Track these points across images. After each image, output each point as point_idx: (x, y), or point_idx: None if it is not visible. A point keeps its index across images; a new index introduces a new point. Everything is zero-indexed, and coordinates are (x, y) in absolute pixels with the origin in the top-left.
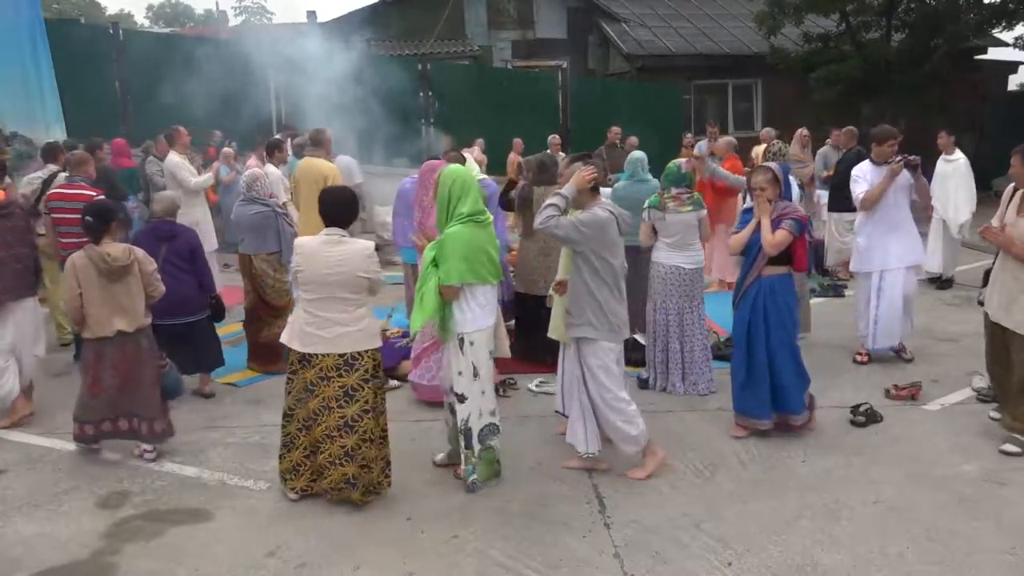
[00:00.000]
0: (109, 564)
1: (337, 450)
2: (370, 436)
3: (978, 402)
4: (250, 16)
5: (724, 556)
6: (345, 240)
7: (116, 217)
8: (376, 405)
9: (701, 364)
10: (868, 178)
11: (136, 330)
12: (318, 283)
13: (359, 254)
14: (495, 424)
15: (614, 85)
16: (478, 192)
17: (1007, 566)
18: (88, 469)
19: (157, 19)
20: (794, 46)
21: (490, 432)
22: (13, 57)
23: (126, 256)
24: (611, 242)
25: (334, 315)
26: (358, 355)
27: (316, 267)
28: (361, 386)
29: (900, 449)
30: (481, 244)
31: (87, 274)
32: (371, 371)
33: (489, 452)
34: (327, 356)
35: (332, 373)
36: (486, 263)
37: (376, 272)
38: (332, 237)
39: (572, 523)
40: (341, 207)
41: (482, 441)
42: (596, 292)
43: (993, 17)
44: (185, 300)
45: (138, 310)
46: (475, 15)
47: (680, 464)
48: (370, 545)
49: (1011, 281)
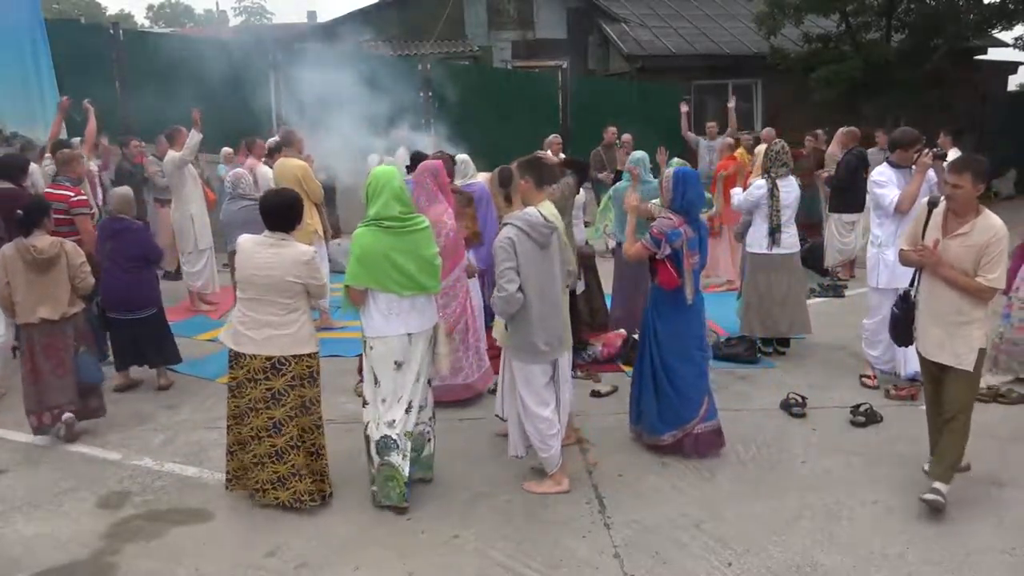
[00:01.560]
0: (109, 564)
1: (267, 449)
2: (296, 443)
3: (978, 402)
4: (250, 16)
5: (724, 556)
6: (282, 244)
7: (46, 214)
8: (301, 414)
9: None
10: (895, 182)
11: (61, 318)
12: (248, 283)
13: (292, 259)
14: (393, 439)
15: (614, 85)
16: (394, 195)
17: (1007, 566)
18: (88, 469)
19: (157, 19)
20: (794, 46)
21: (386, 446)
22: (13, 57)
23: (52, 249)
24: (528, 258)
25: (264, 316)
26: (285, 360)
27: (247, 267)
28: (287, 391)
29: (900, 449)
30: (383, 250)
31: (14, 265)
32: (301, 377)
33: (388, 469)
34: (255, 357)
35: (259, 375)
36: (390, 271)
37: (313, 278)
38: (268, 239)
39: (572, 523)
40: (279, 210)
41: (380, 455)
42: (518, 312)
43: (993, 17)
44: (131, 296)
45: (62, 299)
46: (475, 15)
47: (680, 464)
48: (370, 545)
49: (951, 314)
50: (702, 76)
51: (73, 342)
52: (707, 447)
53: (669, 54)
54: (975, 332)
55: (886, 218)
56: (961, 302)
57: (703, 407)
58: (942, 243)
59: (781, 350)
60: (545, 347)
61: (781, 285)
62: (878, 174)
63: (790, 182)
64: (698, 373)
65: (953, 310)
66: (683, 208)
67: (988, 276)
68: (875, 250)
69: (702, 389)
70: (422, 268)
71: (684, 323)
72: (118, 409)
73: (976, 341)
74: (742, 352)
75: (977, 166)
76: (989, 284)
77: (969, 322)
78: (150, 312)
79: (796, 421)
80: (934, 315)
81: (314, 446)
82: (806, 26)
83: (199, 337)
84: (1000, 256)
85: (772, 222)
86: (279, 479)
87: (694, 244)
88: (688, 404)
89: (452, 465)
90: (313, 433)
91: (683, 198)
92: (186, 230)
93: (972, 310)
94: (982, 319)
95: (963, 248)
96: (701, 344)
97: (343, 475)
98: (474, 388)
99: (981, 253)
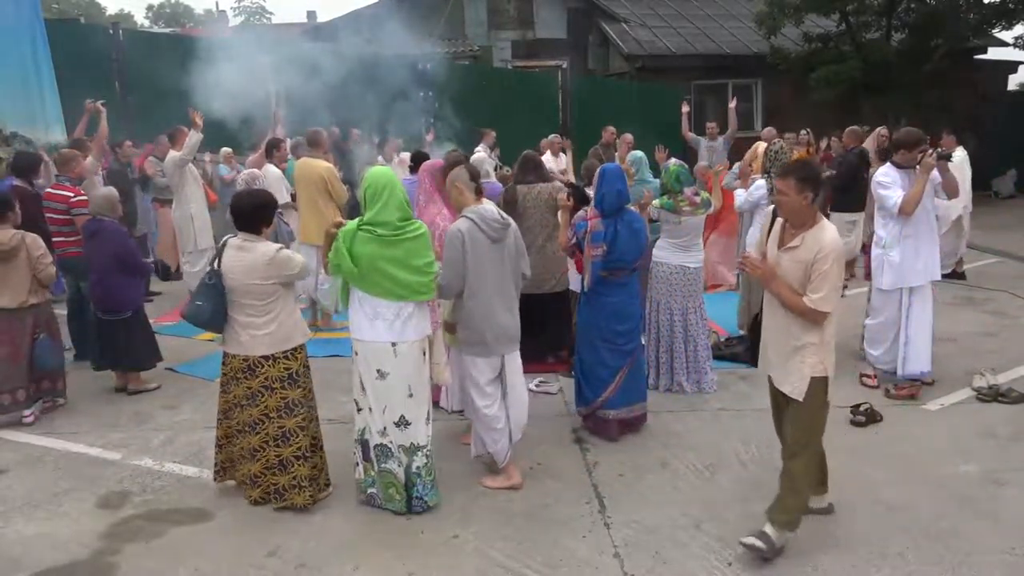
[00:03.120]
0: (109, 564)
1: (244, 445)
2: (275, 442)
3: (978, 402)
4: (249, 16)
5: (724, 556)
6: (246, 247)
7: (10, 207)
8: (283, 415)
9: (704, 363)
10: (899, 183)
11: (19, 307)
12: (227, 286)
13: (255, 261)
14: (388, 448)
15: (614, 85)
16: (394, 202)
17: (1007, 566)
18: (88, 469)
19: (157, 19)
20: (794, 46)
21: (384, 454)
22: (13, 57)
23: (13, 241)
24: (478, 251)
25: (242, 318)
26: (258, 362)
27: (224, 270)
28: (263, 392)
29: (900, 449)
30: (372, 259)
31: None
32: (279, 379)
33: (387, 476)
34: (235, 357)
35: (240, 375)
36: (380, 279)
37: (285, 273)
38: (236, 241)
39: (572, 523)
40: (249, 211)
41: (378, 461)
42: (467, 302)
43: (993, 17)
44: (106, 296)
45: (19, 289)
46: (475, 15)
47: (680, 464)
48: (369, 545)
49: (783, 336)
50: (702, 76)
51: (32, 331)
52: (606, 430)
53: (669, 54)
54: (808, 358)
55: (890, 219)
56: (791, 323)
57: (606, 393)
58: (776, 255)
59: None
60: (492, 340)
61: None
62: (882, 175)
63: None
64: (597, 361)
65: (785, 331)
66: (598, 203)
67: (812, 296)
68: (879, 251)
69: (603, 377)
70: (413, 276)
71: (592, 314)
72: (118, 409)
73: (808, 368)
74: (742, 352)
75: (802, 172)
76: (812, 304)
77: (801, 347)
78: (125, 315)
79: None
80: (770, 335)
81: (300, 448)
82: (806, 26)
83: (199, 337)
84: (827, 275)
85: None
86: (251, 476)
87: (598, 237)
88: (590, 387)
89: (452, 465)
90: (298, 435)
91: (598, 193)
92: (186, 230)
93: (803, 333)
94: (818, 344)
95: (792, 263)
96: (609, 336)
97: (343, 475)
98: None
99: (809, 270)
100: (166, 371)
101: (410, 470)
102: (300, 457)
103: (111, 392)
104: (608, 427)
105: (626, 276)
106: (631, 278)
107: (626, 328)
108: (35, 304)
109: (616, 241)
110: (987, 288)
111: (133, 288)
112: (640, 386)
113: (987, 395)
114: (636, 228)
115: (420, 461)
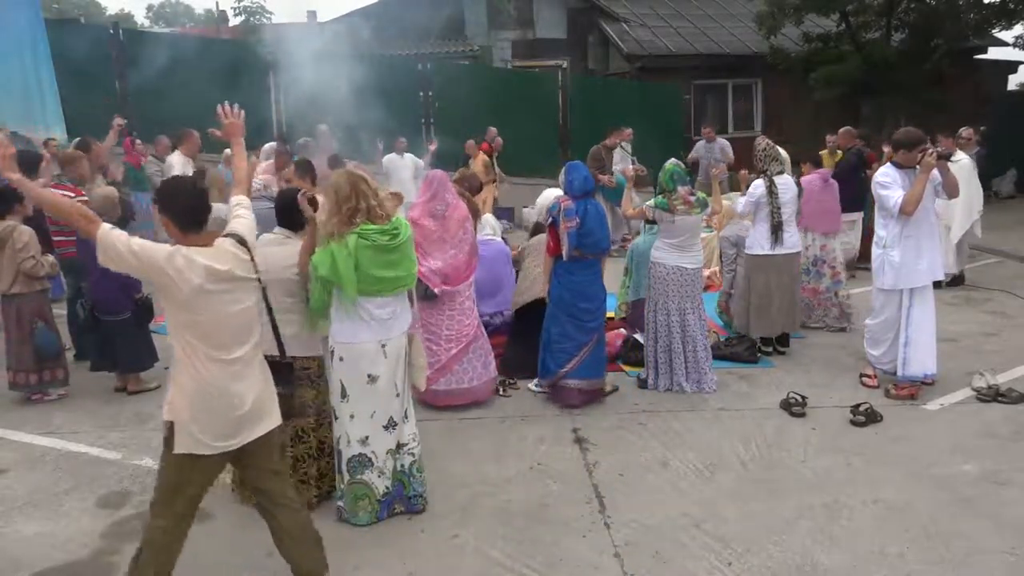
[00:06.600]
0: (109, 564)
1: None
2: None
3: (978, 402)
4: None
5: (724, 556)
6: (284, 241)
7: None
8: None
9: (704, 363)
10: (900, 183)
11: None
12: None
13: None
14: (367, 456)
15: (614, 85)
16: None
17: (1007, 566)
18: (88, 469)
19: (157, 19)
20: (794, 46)
21: (360, 464)
22: (13, 57)
23: (3, 233)
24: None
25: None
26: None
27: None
28: None
29: (900, 449)
30: (368, 268)
31: None
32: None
33: (360, 488)
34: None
35: None
36: (373, 284)
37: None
38: (271, 237)
39: (572, 523)
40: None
41: (351, 472)
42: None
43: (993, 17)
44: (104, 298)
45: (3, 279)
46: (475, 15)
47: (680, 464)
48: (370, 545)
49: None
50: (702, 76)
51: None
52: (569, 398)
53: (669, 54)
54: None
55: (890, 219)
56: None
57: (569, 365)
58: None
59: (781, 350)
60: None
61: (781, 286)
62: (882, 175)
63: (787, 180)
64: (563, 334)
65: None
66: (567, 188)
67: None
68: (880, 251)
69: (568, 350)
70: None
71: (560, 291)
72: (118, 409)
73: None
74: (742, 352)
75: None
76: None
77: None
78: (119, 317)
79: (796, 421)
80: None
81: (310, 448)
82: (806, 26)
83: None
84: None
85: (773, 219)
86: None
87: (571, 212)
88: (554, 359)
89: (452, 465)
90: (308, 436)
91: (567, 181)
92: None
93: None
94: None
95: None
96: (575, 312)
97: None
98: (474, 394)
99: None
100: (165, 371)
101: (401, 471)
102: (310, 456)
103: (111, 392)
104: (570, 395)
105: (593, 259)
106: (597, 261)
107: (591, 307)
108: (16, 294)
109: (586, 217)
110: (987, 288)
111: (131, 290)
112: (600, 364)
113: (987, 395)
114: (600, 211)
115: (409, 459)
